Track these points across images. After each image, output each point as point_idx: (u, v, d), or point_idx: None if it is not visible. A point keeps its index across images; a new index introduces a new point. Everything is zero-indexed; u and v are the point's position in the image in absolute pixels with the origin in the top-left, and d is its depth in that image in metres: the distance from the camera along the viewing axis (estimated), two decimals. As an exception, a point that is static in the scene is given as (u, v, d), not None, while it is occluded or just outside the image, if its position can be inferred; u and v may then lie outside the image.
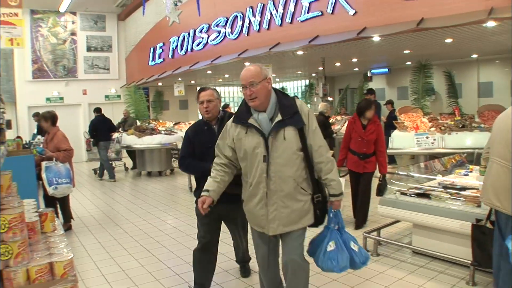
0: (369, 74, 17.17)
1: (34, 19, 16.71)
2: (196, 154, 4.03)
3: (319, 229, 3.35)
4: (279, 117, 3.05)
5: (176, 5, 11.40)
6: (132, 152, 13.58)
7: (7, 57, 15.86)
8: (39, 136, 10.92)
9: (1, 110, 5.03)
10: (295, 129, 3.07)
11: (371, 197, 6.26)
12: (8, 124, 13.32)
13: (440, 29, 7.47)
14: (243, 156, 3.17)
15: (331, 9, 8.45)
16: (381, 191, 5.69)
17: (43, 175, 6.14)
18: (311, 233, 3.36)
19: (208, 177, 3.31)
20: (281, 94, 3.21)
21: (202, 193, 3.22)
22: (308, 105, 19.97)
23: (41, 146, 6.81)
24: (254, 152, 3.08)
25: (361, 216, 6.29)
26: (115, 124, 13.86)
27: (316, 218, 3.21)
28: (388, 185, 5.55)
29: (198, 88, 4.09)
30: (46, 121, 6.72)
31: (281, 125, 3.04)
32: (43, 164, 6.20)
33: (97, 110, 12.41)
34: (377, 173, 6.20)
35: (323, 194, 3.22)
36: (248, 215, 3.33)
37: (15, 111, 16.39)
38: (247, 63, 12.36)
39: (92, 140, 12.35)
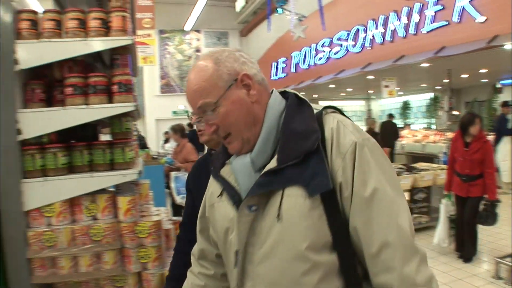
0: (498, 86, 15.96)
1: (162, 38, 17.95)
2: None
3: None
4: (272, 163, 1.22)
5: (300, 20, 11.52)
6: None
7: (138, 74, 17.16)
8: (166, 147, 11.62)
9: (134, 123, 5.44)
10: (308, 196, 1.17)
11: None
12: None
13: None
14: (218, 242, 1.46)
15: (458, 17, 8.03)
16: (482, 217, 5.23)
17: (172, 185, 6.48)
18: None
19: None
20: (295, 105, 1.31)
21: None
22: (433, 119, 18.55)
23: (170, 157, 7.21)
24: (227, 240, 1.35)
25: (468, 246, 5.55)
26: None
27: None
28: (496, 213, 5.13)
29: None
30: (176, 133, 7.10)
31: (273, 183, 1.21)
32: (172, 174, 6.55)
33: (189, 125, 12.94)
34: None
35: None
36: None
37: (144, 124, 17.61)
38: (370, 77, 12.10)
39: None
